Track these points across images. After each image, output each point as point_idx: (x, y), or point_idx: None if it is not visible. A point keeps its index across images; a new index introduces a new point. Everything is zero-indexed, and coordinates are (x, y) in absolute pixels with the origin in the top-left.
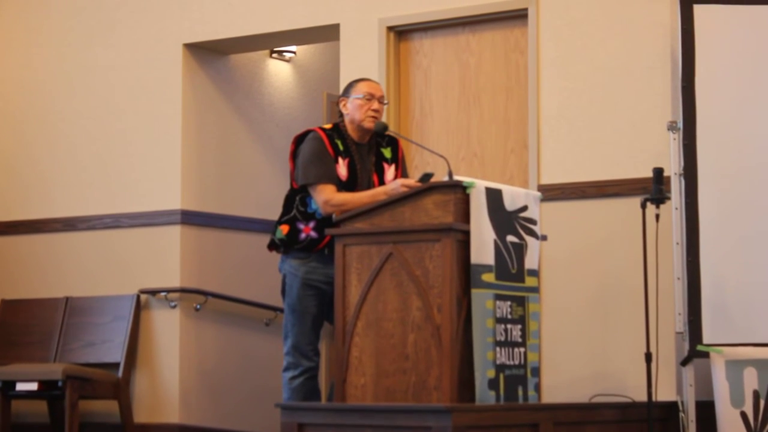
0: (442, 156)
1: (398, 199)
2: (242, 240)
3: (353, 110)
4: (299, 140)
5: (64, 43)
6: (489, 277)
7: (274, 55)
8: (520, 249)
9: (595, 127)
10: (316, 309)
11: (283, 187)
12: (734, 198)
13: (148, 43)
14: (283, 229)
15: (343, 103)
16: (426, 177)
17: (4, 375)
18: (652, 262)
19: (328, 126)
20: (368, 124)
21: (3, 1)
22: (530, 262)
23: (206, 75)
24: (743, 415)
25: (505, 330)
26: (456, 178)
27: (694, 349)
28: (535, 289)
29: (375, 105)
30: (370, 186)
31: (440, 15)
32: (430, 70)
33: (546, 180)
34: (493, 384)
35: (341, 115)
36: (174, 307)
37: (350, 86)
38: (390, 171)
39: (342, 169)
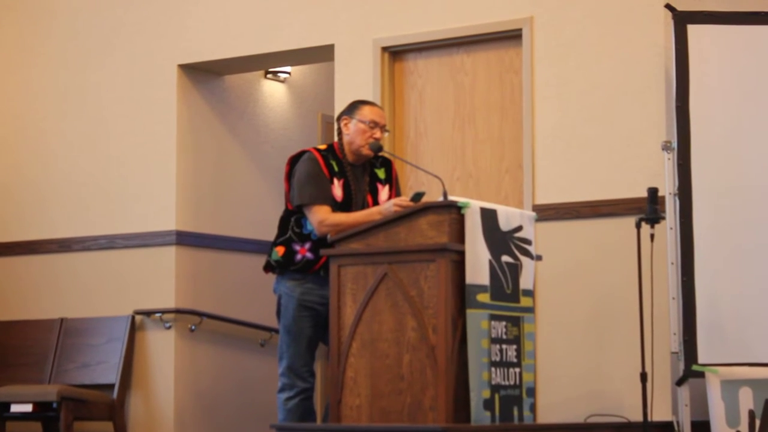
0: (436, 176)
1: (393, 220)
2: (237, 261)
3: (355, 133)
4: (294, 161)
5: (59, 64)
6: (484, 298)
7: (269, 75)
8: (515, 269)
9: (590, 147)
10: (312, 330)
11: (278, 208)
12: (729, 217)
13: (143, 64)
14: (279, 250)
15: (345, 122)
16: (417, 196)
17: None
18: (647, 282)
19: (322, 146)
20: (367, 151)
21: None
22: (525, 282)
23: (201, 96)
24: None
25: (501, 350)
26: (451, 198)
27: (690, 369)
28: (531, 309)
29: (377, 134)
30: (364, 207)
31: (435, 35)
32: (424, 91)
33: (541, 200)
34: (488, 404)
35: (340, 133)
36: (169, 327)
37: (355, 107)
38: (384, 191)
39: (337, 189)
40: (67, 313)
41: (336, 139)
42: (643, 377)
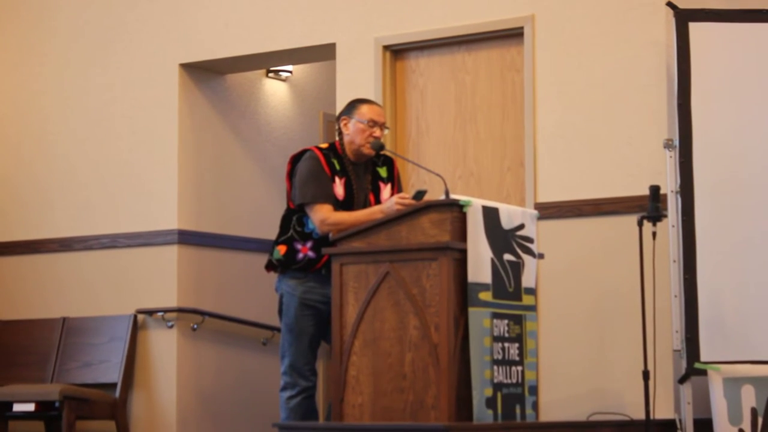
0: (438, 175)
1: (395, 218)
2: (239, 259)
3: (354, 133)
4: (296, 159)
5: (61, 63)
6: (486, 296)
7: (271, 74)
8: (517, 267)
9: (592, 146)
10: (314, 329)
11: (279, 207)
12: (731, 215)
13: (145, 64)
14: (281, 249)
15: (344, 122)
16: (419, 194)
17: (1, 396)
18: (650, 279)
19: (324, 145)
20: (368, 150)
21: (1, 24)
22: (527, 281)
23: (202, 95)
24: None
25: (503, 348)
26: (453, 196)
27: (692, 367)
28: (533, 308)
29: (377, 132)
30: (366, 205)
31: (436, 34)
32: (426, 89)
33: (542, 198)
34: (490, 403)
35: (340, 133)
36: (171, 326)
37: (353, 107)
38: (386, 190)
39: (339, 188)
40: (70, 313)
41: (337, 138)
42: (646, 375)
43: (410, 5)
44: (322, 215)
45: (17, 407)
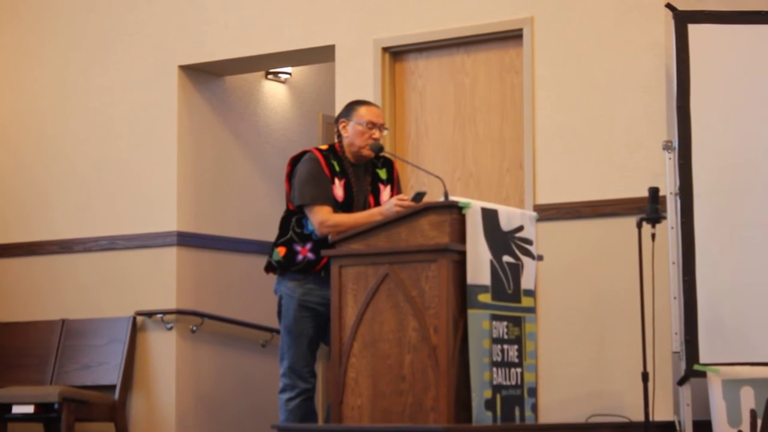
0: (437, 176)
1: (394, 220)
2: (238, 261)
3: (353, 135)
4: (295, 161)
5: (60, 65)
6: (485, 298)
7: (270, 76)
8: (516, 269)
9: (591, 147)
10: (313, 330)
11: (278, 209)
12: (730, 217)
13: (144, 65)
14: (280, 251)
15: (343, 124)
16: (418, 196)
17: (0, 398)
18: (648, 281)
19: (324, 147)
20: (367, 152)
21: (1, 25)
22: (526, 283)
23: (202, 96)
24: None
25: (502, 350)
26: (452, 198)
27: (691, 369)
28: (532, 310)
29: (376, 134)
30: (365, 207)
31: (435, 36)
32: (425, 91)
33: (542, 200)
34: (489, 405)
35: (339, 135)
36: (170, 328)
37: (352, 109)
38: (386, 192)
39: (338, 190)
40: (69, 315)
41: (336, 140)
42: (645, 377)
43: (409, 7)
44: (322, 217)
45: (16, 409)
